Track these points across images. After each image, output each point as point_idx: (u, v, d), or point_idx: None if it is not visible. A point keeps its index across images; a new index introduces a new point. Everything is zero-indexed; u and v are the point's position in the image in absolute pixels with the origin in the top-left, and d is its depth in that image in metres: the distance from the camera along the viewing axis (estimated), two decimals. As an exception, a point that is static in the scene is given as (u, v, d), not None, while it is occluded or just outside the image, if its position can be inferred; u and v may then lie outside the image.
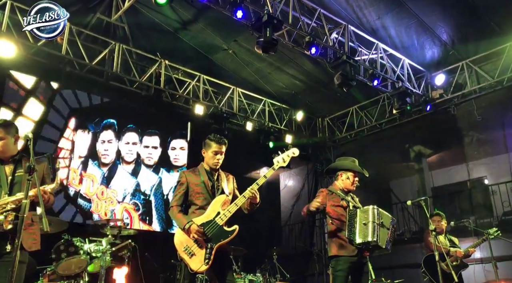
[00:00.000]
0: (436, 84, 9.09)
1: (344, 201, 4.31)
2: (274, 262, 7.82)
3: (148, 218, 8.45)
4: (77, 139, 8.15)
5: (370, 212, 4.14)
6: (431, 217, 6.10)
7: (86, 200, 7.97)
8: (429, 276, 5.85)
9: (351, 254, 4.15)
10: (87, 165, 8.18)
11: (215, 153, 3.68)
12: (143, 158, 8.76)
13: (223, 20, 7.47)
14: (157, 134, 9.05)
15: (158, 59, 8.57)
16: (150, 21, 8.54)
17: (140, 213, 8.37)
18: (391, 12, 7.77)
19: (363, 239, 4.06)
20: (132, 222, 8.26)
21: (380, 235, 4.08)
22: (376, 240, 4.03)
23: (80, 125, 8.22)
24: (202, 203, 3.58)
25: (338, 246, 4.20)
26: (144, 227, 8.34)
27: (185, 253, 3.41)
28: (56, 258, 5.00)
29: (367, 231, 4.06)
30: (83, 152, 8.19)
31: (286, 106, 10.71)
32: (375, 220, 4.10)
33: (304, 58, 8.86)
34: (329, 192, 4.43)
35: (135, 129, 8.81)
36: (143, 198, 8.52)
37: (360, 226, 4.10)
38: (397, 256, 7.97)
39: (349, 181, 4.45)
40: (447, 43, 8.39)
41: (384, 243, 4.14)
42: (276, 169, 3.68)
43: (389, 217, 4.30)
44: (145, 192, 8.57)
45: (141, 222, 8.35)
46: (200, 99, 9.06)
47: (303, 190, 11.77)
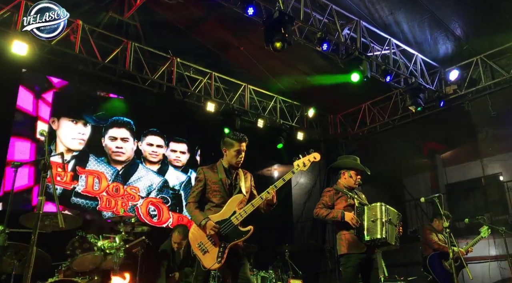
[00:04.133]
0: (450, 79, 8.99)
1: (351, 199, 4.32)
2: (286, 259, 7.82)
3: (178, 208, 8.84)
4: (62, 130, 7.89)
5: (378, 209, 4.15)
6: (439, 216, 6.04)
7: (88, 199, 7.81)
8: (433, 275, 5.79)
9: (361, 251, 4.16)
10: (86, 161, 8.00)
11: (237, 152, 3.67)
12: (171, 160, 9.04)
13: (234, 17, 7.47)
14: (185, 142, 9.32)
15: (170, 57, 8.60)
16: (161, 19, 8.58)
17: (170, 205, 8.71)
18: (404, 7, 7.69)
19: (372, 236, 4.07)
20: (161, 213, 8.54)
21: (389, 232, 4.09)
22: (385, 237, 4.04)
23: (63, 112, 7.92)
24: (219, 201, 3.59)
25: (347, 244, 4.22)
26: (174, 216, 8.70)
27: (198, 250, 3.43)
28: (71, 254, 5.06)
29: (375, 228, 4.07)
30: (73, 145, 7.93)
31: (297, 102, 10.67)
32: (383, 217, 4.10)
33: (315, 54, 8.82)
34: (336, 192, 4.44)
35: (159, 133, 9.01)
36: (172, 193, 8.84)
37: (368, 223, 4.12)
38: (410, 253, 7.91)
39: (352, 179, 4.48)
40: (461, 38, 8.27)
41: (393, 240, 4.15)
42: (295, 173, 3.65)
43: (396, 213, 4.30)
44: (174, 188, 8.91)
45: (171, 212, 8.69)
46: (211, 96, 9.08)
47: (315, 187, 11.74)
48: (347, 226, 4.23)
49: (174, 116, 9.25)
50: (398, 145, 10.78)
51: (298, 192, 12.37)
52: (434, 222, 6.25)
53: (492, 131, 9.72)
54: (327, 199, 4.40)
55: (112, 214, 7.80)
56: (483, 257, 8.26)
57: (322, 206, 4.38)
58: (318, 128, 11.12)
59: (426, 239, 6.10)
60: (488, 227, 5.90)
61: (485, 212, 9.81)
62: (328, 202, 4.39)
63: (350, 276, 4.14)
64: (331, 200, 4.40)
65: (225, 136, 3.78)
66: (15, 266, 4.14)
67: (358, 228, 4.15)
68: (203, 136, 9.52)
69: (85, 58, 7.66)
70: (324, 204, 4.38)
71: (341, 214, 4.21)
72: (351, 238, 4.21)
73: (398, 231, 4.25)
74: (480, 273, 8.17)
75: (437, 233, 6.09)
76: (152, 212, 8.42)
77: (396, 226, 4.23)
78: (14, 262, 4.14)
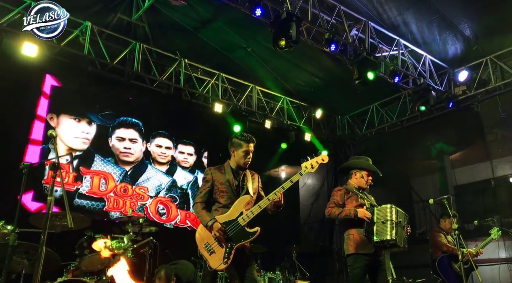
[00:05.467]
0: (459, 80, 8.93)
1: (362, 199, 4.29)
2: (294, 260, 7.81)
3: (186, 206, 8.98)
4: (62, 127, 7.74)
5: (388, 210, 4.12)
6: (445, 216, 5.99)
7: (93, 200, 7.74)
8: (442, 278, 5.74)
9: (369, 252, 4.14)
10: (91, 161, 7.91)
11: (246, 152, 3.67)
12: (179, 161, 9.16)
13: (242, 18, 7.48)
14: (192, 145, 9.43)
15: (178, 58, 8.64)
16: (169, 20, 8.61)
17: (178, 203, 8.83)
18: (412, 8, 7.65)
19: (381, 237, 4.05)
20: (170, 211, 8.64)
21: (398, 233, 4.07)
22: (395, 239, 4.02)
23: (63, 108, 7.76)
24: (226, 202, 3.59)
25: (355, 244, 4.20)
26: (182, 213, 8.82)
27: (205, 250, 3.44)
28: (80, 255, 5.09)
29: (385, 229, 4.05)
30: (76, 144, 7.81)
31: (305, 103, 10.65)
32: (393, 218, 4.08)
33: (323, 55, 8.79)
34: (346, 191, 4.41)
35: (168, 135, 9.10)
36: (180, 192, 8.96)
37: (378, 224, 4.10)
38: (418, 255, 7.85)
39: (363, 180, 4.45)
40: (470, 38, 8.20)
41: (402, 241, 4.13)
42: (303, 175, 3.63)
43: (403, 214, 4.28)
44: (182, 187, 9.04)
45: (179, 209, 8.82)
46: (219, 97, 9.10)
47: (322, 189, 11.70)
48: (356, 225, 4.21)
49: (182, 118, 9.31)
50: (406, 146, 10.72)
51: (305, 193, 12.35)
52: (441, 222, 6.20)
53: (502, 132, 9.62)
54: (338, 198, 4.38)
55: (121, 215, 7.79)
56: (493, 259, 8.16)
57: (334, 205, 4.35)
58: (326, 129, 11.09)
59: (435, 241, 6.04)
60: (498, 228, 5.83)
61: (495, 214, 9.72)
62: (340, 201, 4.36)
63: (358, 278, 4.12)
64: (342, 199, 4.37)
65: (232, 137, 3.78)
66: (25, 266, 4.19)
67: (368, 229, 4.12)
68: (211, 137, 9.54)
69: (94, 59, 7.72)
70: (336, 203, 4.35)
71: (354, 211, 4.18)
72: (359, 238, 4.19)
73: (406, 232, 4.23)
74: (490, 275, 8.08)
75: (445, 235, 6.04)
76: (161, 211, 8.51)
77: (404, 228, 4.21)
78: (24, 262, 4.19)
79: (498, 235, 5.86)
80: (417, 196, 11.36)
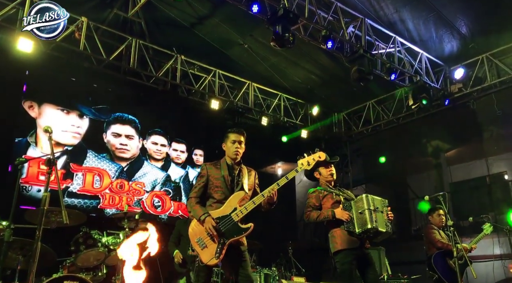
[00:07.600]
0: (455, 78, 8.95)
1: (337, 196, 4.36)
2: (290, 257, 7.83)
3: (178, 198, 9.12)
4: (45, 119, 7.30)
5: (364, 200, 4.17)
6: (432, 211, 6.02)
7: (86, 198, 7.54)
8: (438, 274, 5.76)
9: (354, 246, 4.17)
10: (83, 157, 7.63)
11: (233, 141, 3.70)
12: (173, 157, 9.26)
13: (239, 14, 7.47)
14: (184, 143, 9.51)
15: (174, 54, 8.62)
16: (166, 16, 8.59)
17: (171, 196, 8.98)
18: (409, 5, 7.66)
19: (363, 228, 4.08)
20: (164, 203, 8.77)
21: (378, 220, 4.11)
22: (375, 226, 4.06)
23: (46, 97, 7.36)
24: (220, 197, 3.59)
25: (341, 240, 4.22)
26: (174, 204, 8.98)
27: (197, 245, 3.45)
28: (75, 250, 5.08)
29: (364, 219, 4.09)
30: (64, 138, 7.45)
31: (301, 100, 10.66)
32: (369, 206, 4.13)
33: (320, 52, 8.80)
34: (320, 192, 4.44)
35: (163, 133, 9.16)
36: (173, 185, 9.09)
37: (356, 216, 4.14)
38: (414, 251, 7.90)
39: (325, 174, 4.49)
40: (467, 36, 8.23)
41: (384, 226, 4.16)
42: (299, 172, 3.64)
43: (381, 200, 4.31)
44: (175, 181, 9.16)
45: (173, 201, 8.95)
46: (215, 94, 9.08)
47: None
48: (339, 223, 4.25)
49: (178, 115, 9.34)
50: (402, 144, 10.75)
51: (302, 190, 12.35)
52: (430, 219, 6.22)
53: (497, 130, 9.66)
54: (313, 201, 4.41)
55: (116, 211, 7.74)
56: (487, 256, 8.22)
57: (311, 209, 4.39)
58: (322, 126, 11.10)
59: (429, 238, 6.06)
60: (490, 224, 5.87)
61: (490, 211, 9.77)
62: (316, 203, 4.40)
63: (348, 273, 4.11)
64: (317, 201, 4.40)
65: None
66: (20, 262, 4.19)
67: (349, 223, 4.16)
68: (207, 133, 9.54)
69: (90, 55, 7.68)
70: (313, 206, 4.39)
71: (331, 212, 4.23)
72: (343, 234, 4.21)
73: (388, 216, 4.26)
74: (484, 272, 8.13)
75: (439, 230, 6.06)
76: (156, 204, 8.65)
77: (383, 213, 4.24)
78: (19, 258, 4.18)
79: (490, 230, 5.90)
80: (413, 193, 11.40)
